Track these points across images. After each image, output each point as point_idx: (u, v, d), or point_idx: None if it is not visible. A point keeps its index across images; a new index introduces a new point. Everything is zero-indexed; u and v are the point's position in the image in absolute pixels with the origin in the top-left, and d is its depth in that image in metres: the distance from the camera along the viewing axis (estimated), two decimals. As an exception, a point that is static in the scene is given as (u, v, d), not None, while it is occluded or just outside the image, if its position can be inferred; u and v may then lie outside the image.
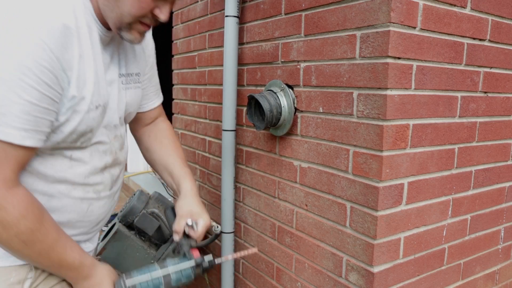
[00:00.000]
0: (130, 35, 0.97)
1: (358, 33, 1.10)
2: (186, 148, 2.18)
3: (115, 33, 0.99)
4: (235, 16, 1.55)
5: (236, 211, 1.73)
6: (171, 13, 2.21)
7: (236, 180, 1.71)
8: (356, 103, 1.12)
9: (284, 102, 1.34)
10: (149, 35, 1.22)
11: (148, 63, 1.23)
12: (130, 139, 3.51)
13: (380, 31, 1.03)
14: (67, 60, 0.86)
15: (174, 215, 1.20)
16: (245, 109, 1.63)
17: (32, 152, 0.88)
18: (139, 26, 0.96)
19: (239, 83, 1.64)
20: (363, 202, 1.11)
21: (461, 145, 1.25)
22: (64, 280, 1.01)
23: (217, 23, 1.79)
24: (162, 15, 0.95)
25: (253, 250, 1.12)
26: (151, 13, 0.94)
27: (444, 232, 1.26)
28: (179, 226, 1.12)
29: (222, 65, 1.74)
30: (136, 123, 1.32)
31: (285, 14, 1.37)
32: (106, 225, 1.26)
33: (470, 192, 1.32)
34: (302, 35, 1.30)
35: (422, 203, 1.17)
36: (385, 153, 1.05)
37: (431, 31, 1.09)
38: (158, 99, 1.34)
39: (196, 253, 1.08)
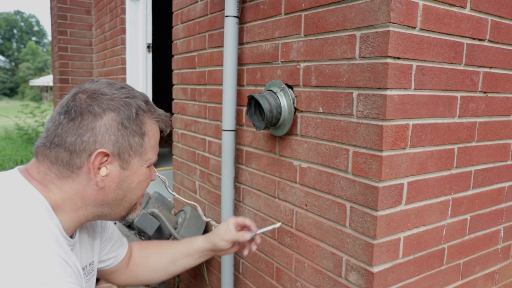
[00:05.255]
0: (136, 211, 0.99)
1: (357, 33, 1.10)
2: (186, 148, 2.19)
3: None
4: (235, 16, 1.56)
5: (236, 211, 1.73)
6: (171, 13, 2.21)
7: (236, 180, 1.71)
8: (355, 103, 1.12)
9: (284, 102, 1.34)
10: None
11: (108, 229, 1.17)
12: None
13: (380, 31, 1.03)
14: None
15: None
16: (245, 109, 1.63)
17: None
18: (140, 198, 0.98)
19: (239, 83, 1.64)
20: (363, 202, 1.11)
21: (461, 145, 1.25)
22: None
23: (217, 23, 1.79)
24: (153, 177, 1.00)
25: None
26: None
27: (444, 232, 1.26)
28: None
29: (222, 65, 1.74)
30: (120, 272, 1.25)
31: (285, 14, 1.37)
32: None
33: (469, 192, 1.32)
34: (302, 35, 1.30)
35: (421, 203, 1.18)
36: (384, 153, 1.06)
37: (431, 31, 1.09)
38: (124, 246, 1.25)
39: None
